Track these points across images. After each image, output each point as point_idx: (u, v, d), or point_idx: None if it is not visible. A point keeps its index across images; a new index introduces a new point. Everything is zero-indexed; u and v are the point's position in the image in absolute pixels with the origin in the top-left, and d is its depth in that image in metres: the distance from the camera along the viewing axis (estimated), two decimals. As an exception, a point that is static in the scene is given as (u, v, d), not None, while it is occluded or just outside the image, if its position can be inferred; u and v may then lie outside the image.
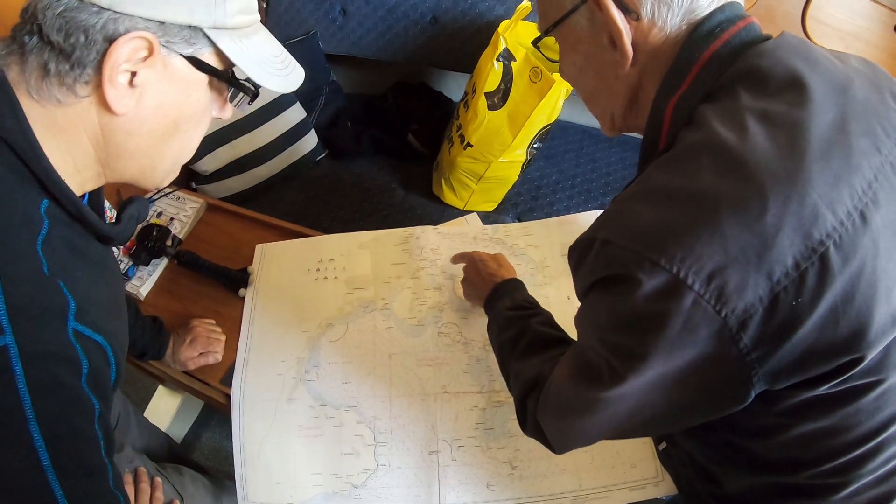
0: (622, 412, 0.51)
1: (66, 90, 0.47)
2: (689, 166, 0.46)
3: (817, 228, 0.41)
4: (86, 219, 0.51)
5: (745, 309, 0.42)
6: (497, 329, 0.78)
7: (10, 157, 0.46)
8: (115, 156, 0.51)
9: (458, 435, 0.90)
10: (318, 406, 0.93)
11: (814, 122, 0.44)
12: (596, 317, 0.51)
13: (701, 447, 0.64)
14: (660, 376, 0.47)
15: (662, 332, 0.44)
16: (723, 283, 0.41)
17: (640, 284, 0.43)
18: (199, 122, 0.55)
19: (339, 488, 0.88)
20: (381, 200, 1.31)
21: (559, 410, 0.58)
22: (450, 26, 1.24)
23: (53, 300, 0.46)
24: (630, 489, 0.85)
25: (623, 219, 0.47)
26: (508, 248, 1.09)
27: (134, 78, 0.47)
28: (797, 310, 0.42)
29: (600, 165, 1.37)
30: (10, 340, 0.42)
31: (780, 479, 0.55)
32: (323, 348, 0.98)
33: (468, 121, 1.17)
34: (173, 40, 0.49)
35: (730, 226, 0.41)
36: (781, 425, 0.50)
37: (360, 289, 1.04)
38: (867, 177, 0.44)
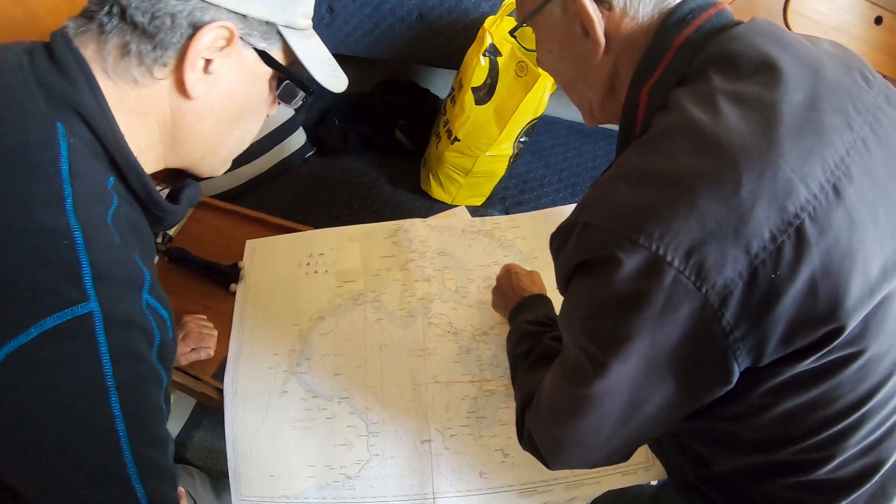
0: (614, 412, 0.51)
1: (144, 70, 0.49)
2: (664, 147, 0.47)
3: (792, 202, 0.42)
4: (151, 196, 0.53)
5: (725, 284, 0.42)
6: (514, 342, 0.79)
7: (85, 132, 0.47)
8: (181, 139, 0.54)
9: (449, 424, 0.91)
10: (310, 398, 0.94)
11: (785, 101, 0.45)
12: (577, 306, 0.51)
13: (688, 431, 0.64)
14: (644, 361, 0.47)
15: (644, 311, 0.44)
16: (702, 259, 0.42)
17: (620, 264, 0.44)
18: (257, 114, 0.59)
19: (333, 479, 0.88)
20: (370, 196, 1.32)
21: (549, 416, 0.57)
22: (436, 23, 1.26)
23: (132, 270, 0.47)
24: (622, 474, 0.86)
25: (602, 201, 0.48)
26: (496, 240, 1.10)
27: (209, 65, 0.50)
28: (776, 283, 0.42)
29: (586, 160, 1.39)
30: (94, 307, 0.42)
31: (767, 457, 0.56)
32: (314, 341, 0.99)
33: (455, 116, 1.18)
34: (251, 33, 0.52)
35: (706, 202, 0.42)
36: (766, 404, 0.51)
37: (350, 282, 1.04)
38: (839, 152, 0.45)
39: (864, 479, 0.54)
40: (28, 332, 0.40)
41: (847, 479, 0.54)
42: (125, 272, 0.46)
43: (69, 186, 0.44)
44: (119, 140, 0.49)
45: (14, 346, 0.40)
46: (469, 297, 1.02)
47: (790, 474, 0.55)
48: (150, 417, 0.47)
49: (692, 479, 0.68)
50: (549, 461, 0.61)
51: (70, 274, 0.42)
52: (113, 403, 0.43)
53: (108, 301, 0.43)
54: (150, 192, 0.52)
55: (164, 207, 0.54)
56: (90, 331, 0.42)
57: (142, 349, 0.46)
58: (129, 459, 0.45)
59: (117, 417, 0.43)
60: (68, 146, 0.45)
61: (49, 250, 0.42)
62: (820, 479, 0.54)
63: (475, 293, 1.02)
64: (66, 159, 0.45)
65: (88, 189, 0.45)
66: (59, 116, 0.46)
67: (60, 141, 0.45)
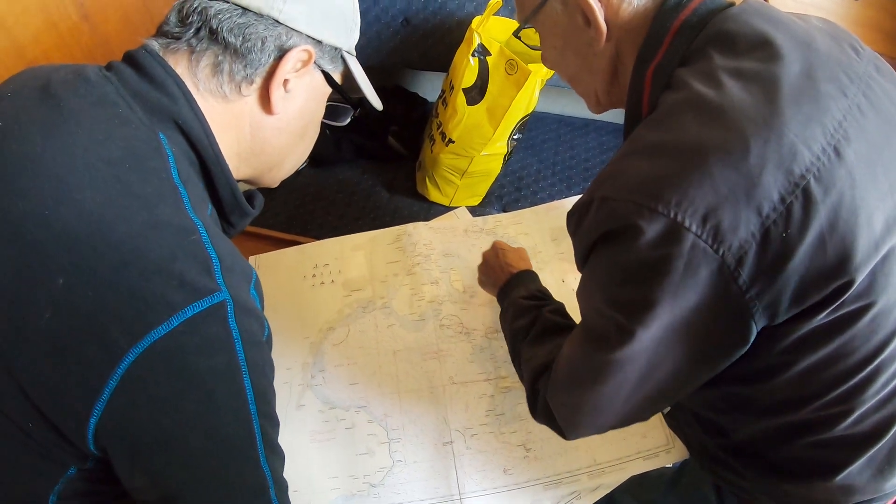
0: (633, 377, 0.53)
1: (233, 87, 0.53)
2: (673, 122, 0.49)
3: (797, 164, 0.45)
4: (237, 200, 0.57)
5: (740, 245, 0.45)
6: (510, 317, 0.79)
7: (182, 142, 0.50)
8: (257, 152, 0.58)
9: (469, 424, 0.91)
10: (327, 410, 0.93)
11: (783, 73, 0.48)
12: (599, 276, 0.53)
13: (705, 403, 0.66)
14: (667, 326, 0.49)
15: (666, 276, 0.46)
16: (717, 223, 0.44)
17: (641, 232, 0.46)
18: (316, 130, 0.65)
19: (358, 489, 0.88)
20: (367, 204, 1.31)
21: (569, 383, 0.59)
22: (421, 27, 1.26)
23: (244, 264, 0.50)
24: (644, 459, 0.87)
25: (618, 176, 0.50)
26: (499, 237, 1.11)
27: (287, 84, 0.55)
28: (787, 241, 0.45)
29: (579, 152, 1.40)
30: (227, 296, 0.45)
31: (787, 418, 0.57)
32: (327, 352, 0.98)
33: (448, 118, 1.19)
34: (323, 57, 0.59)
35: (717, 169, 0.45)
36: (784, 363, 0.53)
37: (357, 290, 1.04)
38: (836, 117, 0.48)
39: (882, 433, 0.56)
40: (170, 322, 0.42)
41: (866, 434, 0.56)
42: (241, 265, 0.49)
43: (184, 189, 0.47)
44: (216, 149, 0.52)
45: (157, 336, 0.41)
46: (478, 296, 1.02)
47: (810, 433, 0.57)
48: (271, 400, 0.51)
49: (713, 450, 0.69)
50: (566, 430, 0.62)
51: (204, 266, 0.45)
52: (247, 385, 0.46)
53: (234, 290, 0.46)
54: (237, 198, 0.56)
55: (247, 211, 0.59)
56: (224, 317, 0.44)
57: (259, 335, 0.49)
58: (259, 440, 0.47)
59: (250, 399, 0.46)
60: (172, 154, 0.48)
61: (183, 244, 0.44)
62: (839, 435, 0.56)
63: (483, 292, 1.03)
64: (174, 165, 0.47)
65: (196, 192, 0.49)
66: (159, 127, 0.49)
67: (166, 149, 0.48)
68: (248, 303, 0.48)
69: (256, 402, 0.47)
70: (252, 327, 0.48)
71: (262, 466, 0.48)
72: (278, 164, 0.62)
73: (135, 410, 0.43)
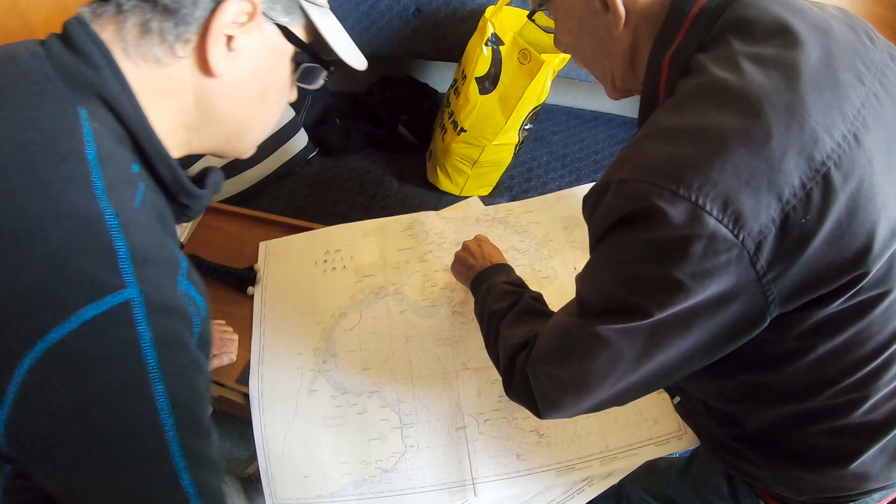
0: (630, 356, 0.52)
1: (166, 48, 0.47)
2: (693, 106, 0.49)
3: (818, 151, 0.45)
4: (178, 180, 0.51)
5: (759, 230, 0.45)
6: (491, 300, 0.78)
7: (108, 117, 0.45)
8: (206, 120, 0.52)
9: (482, 409, 0.91)
10: (339, 395, 0.93)
11: (803, 60, 0.48)
12: (614, 257, 0.52)
13: (716, 393, 0.65)
14: (681, 309, 0.48)
15: (685, 259, 0.45)
16: (739, 208, 0.44)
17: (662, 214, 0.45)
18: (282, 95, 0.57)
19: (370, 475, 0.88)
20: (377, 193, 1.31)
21: (558, 354, 0.57)
22: (433, 16, 1.26)
23: (168, 254, 0.45)
24: (656, 445, 0.87)
25: (637, 158, 0.49)
26: (511, 226, 1.11)
27: (232, 42, 0.48)
28: (806, 227, 0.45)
29: (588, 144, 1.41)
30: (134, 293, 0.40)
31: (802, 405, 0.57)
32: (338, 338, 0.98)
33: (460, 107, 1.19)
34: (274, 7, 0.51)
35: (739, 154, 0.44)
36: (798, 350, 0.53)
37: (369, 276, 1.04)
38: (855, 104, 0.48)
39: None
40: (67, 323, 0.38)
41: (880, 421, 0.56)
42: (163, 256, 0.44)
43: (98, 170, 0.42)
44: (144, 123, 0.47)
45: (54, 339, 0.38)
46: (490, 283, 1.02)
47: (825, 420, 0.57)
48: (196, 407, 0.45)
49: (724, 440, 0.69)
50: (543, 407, 0.60)
51: (108, 259, 0.40)
52: (158, 394, 0.41)
53: (148, 286, 0.41)
54: (177, 176, 0.50)
55: (192, 192, 0.52)
56: (130, 319, 0.40)
57: (183, 336, 0.44)
58: (178, 451, 0.43)
59: (163, 410, 0.42)
60: (92, 131, 0.43)
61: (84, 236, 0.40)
62: (854, 422, 0.56)
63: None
64: (92, 143, 0.43)
65: (117, 174, 0.44)
66: (82, 101, 0.44)
67: (84, 126, 0.43)
68: (169, 299, 0.43)
69: (173, 412, 0.42)
70: (172, 327, 0.43)
71: (180, 482, 0.44)
72: (237, 133, 0.55)
73: (37, 418, 0.40)
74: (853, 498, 0.63)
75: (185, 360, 0.44)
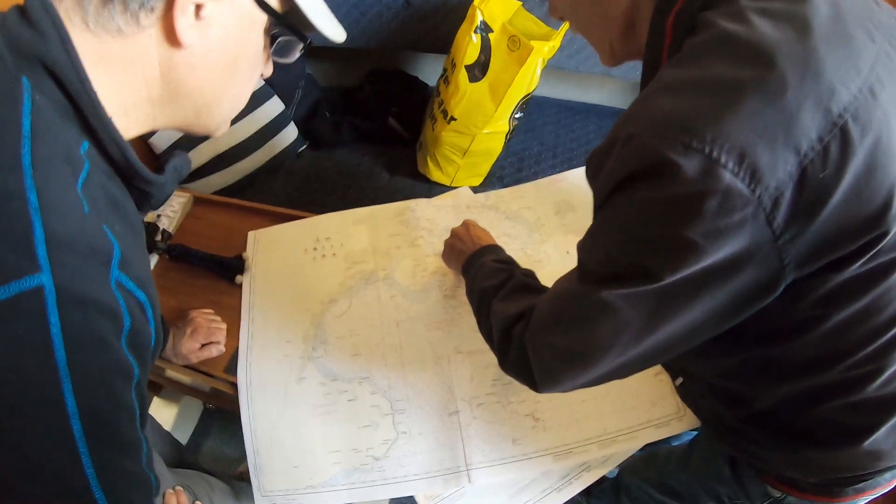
0: (637, 324, 0.49)
1: (129, 17, 0.44)
2: (702, 60, 0.47)
3: (835, 103, 0.43)
4: (128, 162, 0.47)
5: (777, 186, 0.42)
6: (481, 278, 0.76)
7: (55, 91, 0.42)
8: (173, 94, 0.49)
9: (476, 393, 0.89)
10: (329, 382, 0.91)
11: (813, 14, 0.46)
12: (621, 218, 0.49)
13: (722, 371, 0.63)
14: (693, 272, 0.45)
15: (698, 218, 0.43)
16: (755, 161, 0.42)
17: (674, 169, 0.43)
18: (254, 67, 0.54)
19: (360, 463, 0.85)
20: (368, 185, 1.30)
21: (560, 322, 0.55)
22: (423, 8, 1.26)
23: (97, 241, 0.41)
24: (655, 427, 0.85)
25: (645, 113, 0.47)
26: (502, 212, 1.10)
27: (200, 11, 0.46)
28: (824, 182, 0.43)
29: (579, 135, 1.40)
30: (45, 280, 0.36)
31: (815, 380, 0.55)
32: (328, 324, 0.96)
33: (450, 95, 1.18)
34: None
35: (754, 106, 0.42)
36: (813, 319, 0.50)
37: (359, 262, 1.02)
38: (868, 61, 0.46)
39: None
40: None
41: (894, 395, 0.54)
42: (88, 243, 0.40)
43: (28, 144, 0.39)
44: (91, 96, 0.44)
45: None
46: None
47: (838, 395, 0.55)
48: (114, 416, 0.40)
49: (729, 421, 0.67)
50: (540, 380, 0.58)
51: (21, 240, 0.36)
52: (67, 398, 0.36)
53: (64, 274, 0.37)
54: (127, 157, 0.47)
55: (145, 176, 0.49)
56: (40, 309, 0.35)
57: (105, 334, 0.39)
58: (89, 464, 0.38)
59: (72, 415, 0.37)
60: (32, 102, 0.40)
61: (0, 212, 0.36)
62: (868, 397, 0.54)
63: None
64: (29, 115, 0.40)
65: (53, 150, 0.40)
66: (26, 71, 0.41)
67: (24, 96, 0.40)
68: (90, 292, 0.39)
69: (83, 419, 0.37)
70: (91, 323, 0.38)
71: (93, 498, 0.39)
72: (206, 108, 0.52)
73: None
74: (865, 477, 0.61)
75: (105, 361, 0.39)
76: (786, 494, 0.67)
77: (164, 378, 1.13)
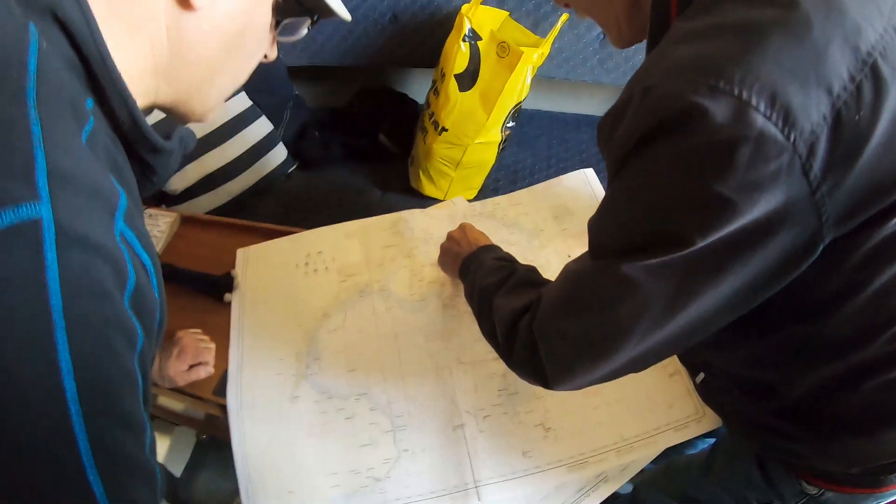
0: (662, 299, 0.44)
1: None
2: (718, 7, 0.44)
3: (863, 41, 0.40)
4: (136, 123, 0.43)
5: (811, 130, 0.39)
6: (481, 276, 0.72)
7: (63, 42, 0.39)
8: (177, 63, 0.47)
9: (481, 405, 0.83)
10: (324, 400, 0.86)
11: None
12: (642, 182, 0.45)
13: (752, 358, 0.58)
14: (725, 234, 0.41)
15: (731, 171, 0.39)
16: (787, 103, 0.39)
17: (701, 114, 0.39)
18: (260, 44, 0.53)
19: (360, 485, 0.79)
20: (359, 202, 1.27)
21: (569, 305, 0.50)
22: (410, 23, 1.26)
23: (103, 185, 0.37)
24: (674, 430, 0.80)
25: (662, 64, 0.43)
26: (499, 219, 1.07)
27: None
28: (860, 126, 0.40)
29: (573, 145, 1.39)
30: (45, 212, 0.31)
31: (854, 357, 0.51)
32: (322, 340, 0.91)
33: (440, 106, 1.17)
34: None
35: (780, 44, 0.39)
36: (853, 284, 0.46)
37: (353, 275, 0.98)
38: (888, 3, 0.44)
39: None
40: None
41: None
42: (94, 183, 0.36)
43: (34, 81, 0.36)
44: (100, 49, 0.41)
45: None
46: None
47: (880, 373, 0.51)
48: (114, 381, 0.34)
49: (758, 416, 0.61)
50: (552, 375, 0.52)
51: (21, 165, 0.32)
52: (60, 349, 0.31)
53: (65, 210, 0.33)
54: (135, 117, 0.44)
55: (153, 140, 0.46)
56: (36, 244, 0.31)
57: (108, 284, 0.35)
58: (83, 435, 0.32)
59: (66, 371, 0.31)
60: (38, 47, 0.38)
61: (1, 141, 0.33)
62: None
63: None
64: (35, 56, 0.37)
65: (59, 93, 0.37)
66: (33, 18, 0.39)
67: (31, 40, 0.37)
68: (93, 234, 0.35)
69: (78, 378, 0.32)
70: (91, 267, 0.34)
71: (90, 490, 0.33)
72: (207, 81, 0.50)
73: None
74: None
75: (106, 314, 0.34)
76: (823, 490, 0.61)
77: (157, 408, 1.07)
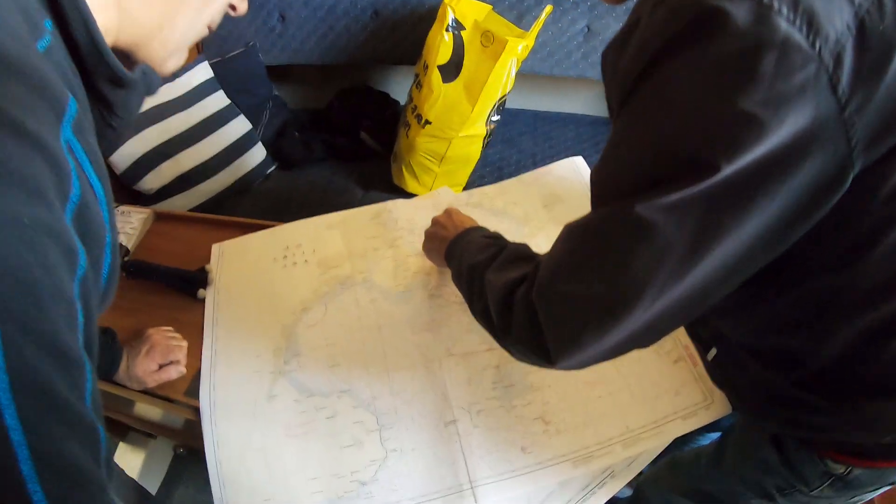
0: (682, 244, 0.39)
1: None
2: None
3: None
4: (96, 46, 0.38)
5: (837, 39, 0.36)
6: (470, 255, 0.65)
7: None
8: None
9: (475, 399, 0.77)
10: (304, 399, 0.79)
11: None
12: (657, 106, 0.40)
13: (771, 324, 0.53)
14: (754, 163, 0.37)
15: (756, 83, 0.36)
16: (811, 7, 0.36)
17: (721, 17, 0.36)
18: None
19: (345, 490, 0.72)
20: (340, 202, 1.22)
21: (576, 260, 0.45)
22: (391, 18, 1.24)
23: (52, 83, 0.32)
24: (682, 419, 0.74)
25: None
26: (487, 209, 1.02)
27: None
28: (885, 36, 0.37)
29: (558, 142, 1.37)
30: None
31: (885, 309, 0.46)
32: (301, 335, 0.85)
33: (424, 98, 1.14)
34: None
35: None
36: (884, 222, 0.43)
37: (334, 267, 0.93)
38: None
39: None
40: None
41: None
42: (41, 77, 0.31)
43: None
44: None
45: None
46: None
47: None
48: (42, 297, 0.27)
49: (779, 388, 0.56)
50: (556, 346, 0.46)
51: None
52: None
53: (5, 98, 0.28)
54: (95, 40, 0.39)
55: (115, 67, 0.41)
56: None
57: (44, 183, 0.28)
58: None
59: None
60: None
61: None
62: None
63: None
64: None
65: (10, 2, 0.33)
66: None
67: None
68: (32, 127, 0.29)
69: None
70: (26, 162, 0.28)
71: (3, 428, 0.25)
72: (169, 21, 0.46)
73: None
74: None
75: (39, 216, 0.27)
76: (851, 467, 0.56)
77: (133, 417, 0.99)
